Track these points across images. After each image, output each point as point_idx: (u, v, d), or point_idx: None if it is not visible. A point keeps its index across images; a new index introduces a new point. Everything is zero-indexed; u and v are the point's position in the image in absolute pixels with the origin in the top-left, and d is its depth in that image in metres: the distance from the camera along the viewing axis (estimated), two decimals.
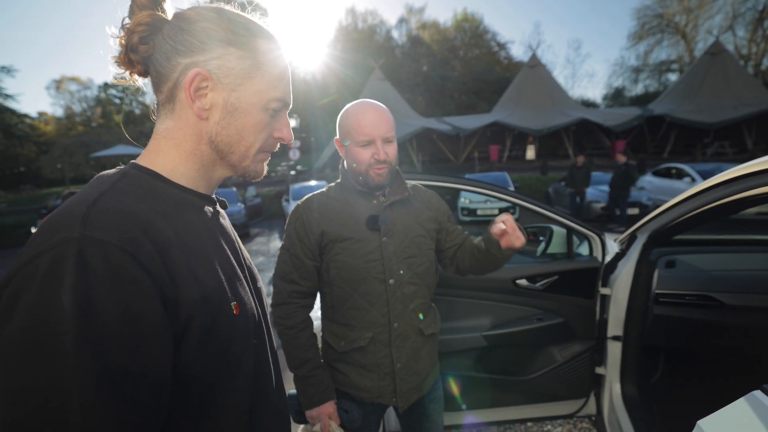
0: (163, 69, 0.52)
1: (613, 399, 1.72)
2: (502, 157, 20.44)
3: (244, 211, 9.18)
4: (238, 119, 0.54)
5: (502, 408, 1.83)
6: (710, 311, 1.69)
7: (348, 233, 1.04)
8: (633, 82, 39.62)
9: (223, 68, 0.52)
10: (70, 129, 37.42)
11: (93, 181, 0.50)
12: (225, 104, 0.53)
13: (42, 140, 31.11)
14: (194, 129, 0.53)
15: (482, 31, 41.73)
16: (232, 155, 0.56)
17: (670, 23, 35.07)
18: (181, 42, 0.51)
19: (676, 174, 8.66)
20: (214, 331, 0.49)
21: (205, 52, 0.51)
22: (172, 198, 0.52)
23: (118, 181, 0.48)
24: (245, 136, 0.55)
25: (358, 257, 1.03)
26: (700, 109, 17.34)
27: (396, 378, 1.08)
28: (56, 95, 42.15)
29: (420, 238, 1.10)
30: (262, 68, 0.54)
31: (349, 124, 1.02)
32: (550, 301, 1.73)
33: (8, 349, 0.37)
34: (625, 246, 1.70)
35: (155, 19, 0.52)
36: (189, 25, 0.51)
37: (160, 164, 0.53)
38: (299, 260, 1.06)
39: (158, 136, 0.54)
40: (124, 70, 0.54)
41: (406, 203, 1.11)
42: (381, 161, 1.01)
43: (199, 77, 0.51)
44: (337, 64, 31.58)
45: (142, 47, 0.52)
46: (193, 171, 0.55)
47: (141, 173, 0.51)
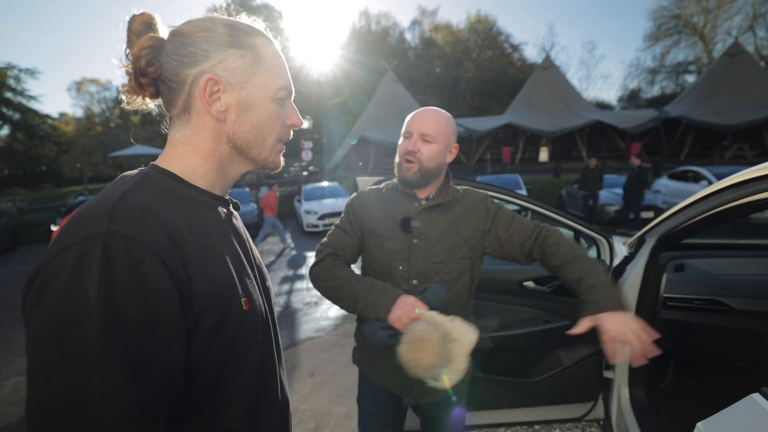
0: (174, 84, 0.55)
1: (622, 403, 1.71)
2: (514, 159, 20.23)
3: (256, 211, 9.31)
4: (252, 114, 0.57)
5: (508, 409, 1.83)
6: (719, 316, 1.67)
7: (381, 229, 1.10)
8: (649, 83, 38.78)
9: (229, 69, 0.55)
10: (89, 129, 38.48)
11: (116, 181, 0.53)
12: (238, 103, 0.56)
13: (62, 140, 32.02)
14: (212, 132, 0.56)
15: (495, 33, 41.43)
16: (252, 149, 0.59)
17: (688, 24, 34.19)
18: (185, 55, 0.54)
19: (692, 177, 8.45)
20: (223, 325, 0.52)
21: (209, 59, 0.54)
22: (189, 198, 0.55)
23: (139, 181, 0.52)
24: (261, 128, 0.58)
25: (386, 253, 1.08)
26: (719, 111, 16.85)
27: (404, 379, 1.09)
28: (77, 96, 43.49)
29: (454, 246, 1.08)
30: (262, 62, 0.57)
31: (406, 120, 1.11)
32: (557, 303, 1.74)
33: (37, 332, 0.40)
34: (633, 249, 1.69)
35: (155, 41, 0.55)
36: (188, 38, 0.54)
37: (179, 167, 0.56)
38: (345, 233, 1.14)
39: (175, 143, 0.57)
40: (136, 96, 0.57)
41: (445, 209, 1.11)
42: (409, 152, 1.06)
43: (211, 83, 0.54)
44: (351, 65, 31.77)
45: (150, 69, 0.55)
46: (211, 172, 0.58)
47: (161, 174, 0.55)
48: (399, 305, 0.94)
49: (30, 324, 0.42)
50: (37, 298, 0.41)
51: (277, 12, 38.73)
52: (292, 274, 5.98)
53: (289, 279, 5.69)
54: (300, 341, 3.58)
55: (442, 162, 1.09)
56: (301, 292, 5.06)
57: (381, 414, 1.17)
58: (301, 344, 3.51)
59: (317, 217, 8.82)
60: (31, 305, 0.42)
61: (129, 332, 0.42)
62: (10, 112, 25.36)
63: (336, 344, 3.45)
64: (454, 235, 1.09)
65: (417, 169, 1.06)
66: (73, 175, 25.07)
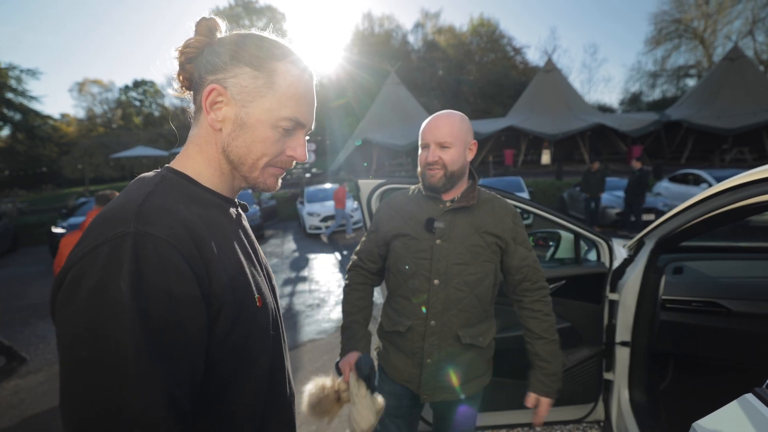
0: (197, 84, 0.60)
1: (622, 405, 1.72)
2: (516, 161, 20.24)
3: (259, 213, 9.31)
4: (246, 133, 0.59)
5: (509, 411, 1.85)
6: (717, 318, 1.69)
7: (407, 230, 1.15)
8: (650, 87, 38.78)
9: (237, 86, 0.57)
10: (91, 130, 38.53)
11: (136, 182, 0.56)
12: (236, 118, 0.58)
13: (64, 141, 32.04)
14: (212, 138, 0.60)
15: (498, 36, 41.49)
16: (242, 166, 0.61)
17: (688, 28, 34.24)
18: (210, 62, 0.58)
19: (693, 180, 8.49)
20: (238, 322, 0.54)
21: (225, 71, 0.57)
22: (203, 200, 0.58)
23: (159, 183, 0.54)
24: (253, 149, 0.60)
25: (410, 252, 1.13)
26: (719, 115, 16.87)
27: (423, 372, 1.14)
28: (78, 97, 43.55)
29: (477, 248, 1.10)
30: (274, 88, 0.58)
31: (421, 129, 1.14)
32: (557, 305, 1.75)
33: (70, 328, 0.43)
34: (633, 252, 1.72)
35: (201, 43, 0.60)
36: (220, 47, 0.58)
37: (190, 168, 0.60)
38: (371, 243, 1.25)
39: (189, 141, 0.62)
40: (180, 86, 0.62)
41: (470, 211, 1.13)
42: (430, 163, 1.10)
43: (214, 92, 0.57)
44: (354, 67, 31.82)
45: (188, 66, 0.60)
46: (215, 177, 0.61)
47: (176, 177, 0.58)
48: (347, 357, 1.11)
49: (62, 320, 0.44)
50: (70, 295, 0.44)
51: (280, 14, 38.86)
52: (295, 276, 6.00)
53: (292, 281, 5.71)
54: (302, 343, 3.59)
55: (465, 162, 1.13)
56: (303, 294, 5.08)
57: (396, 407, 1.21)
58: (304, 346, 3.53)
59: (320, 219, 8.82)
60: (64, 302, 0.44)
61: (159, 327, 0.44)
62: (11, 112, 25.40)
63: (338, 346, 3.46)
64: (477, 238, 1.11)
65: (442, 174, 1.10)
66: (75, 176, 25.11)
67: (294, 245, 8.43)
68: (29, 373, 3.31)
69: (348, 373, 1.05)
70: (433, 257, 1.10)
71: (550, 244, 2.02)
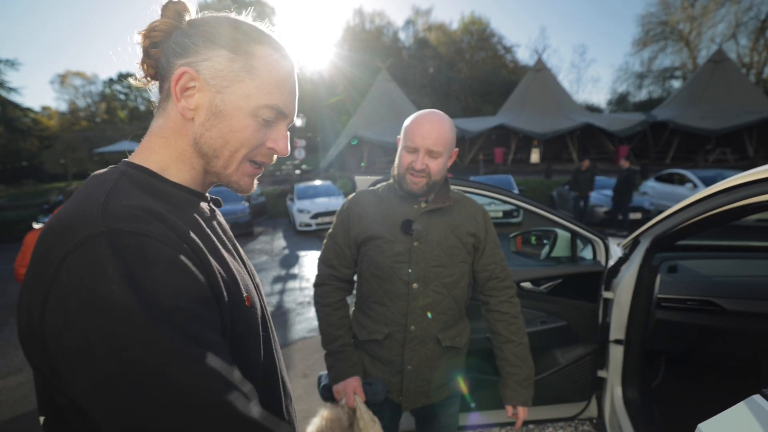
0: (163, 70, 0.53)
1: (615, 402, 1.74)
2: (506, 160, 20.43)
3: (248, 210, 9.19)
4: (222, 122, 0.53)
5: (503, 410, 1.84)
6: (712, 316, 1.71)
7: (381, 232, 1.08)
8: (637, 87, 39.62)
9: (211, 69, 0.52)
10: (73, 124, 37.47)
11: (91, 181, 0.49)
12: (210, 106, 0.52)
13: (45, 135, 31.09)
14: (181, 128, 0.53)
15: (489, 35, 41.75)
16: (217, 160, 0.55)
17: (674, 30, 35.04)
18: (179, 44, 0.52)
19: (678, 180, 8.69)
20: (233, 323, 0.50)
21: (197, 54, 0.52)
22: (172, 196, 0.52)
23: (118, 180, 0.48)
24: (229, 140, 0.54)
25: (386, 256, 1.07)
26: (703, 116, 17.34)
27: (404, 379, 1.10)
28: (60, 90, 42.24)
29: (453, 249, 1.09)
30: (253, 72, 0.53)
31: (407, 128, 1.06)
32: (553, 304, 1.75)
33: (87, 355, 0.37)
34: (628, 250, 1.72)
35: (168, 26, 0.53)
36: (191, 29, 0.53)
37: (154, 162, 0.53)
38: (340, 248, 1.14)
39: (151, 133, 0.55)
40: (144, 74, 0.56)
41: (445, 212, 1.11)
42: (417, 170, 1.02)
43: (186, 76, 0.51)
44: (345, 63, 31.64)
45: (153, 51, 0.54)
46: (184, 172, 0.55)
47: (138, 172, 0.51)
48: (346, 383, 1.07)
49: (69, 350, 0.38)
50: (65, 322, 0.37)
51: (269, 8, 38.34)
52: (285, 273, 5.92)
53: (282, 279, 5.64)
54: (293, 342, 3.55)
55: (446, 170, 1.10)
56: (293, 291, 5.02)
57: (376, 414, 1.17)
58: (294, 345, 3.48)
59: (310, 216, 8.75)
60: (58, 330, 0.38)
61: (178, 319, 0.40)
62: None
63: None
64: (453, 239, 1.09)
65: (425, 182, 1.04)
66: (57, 171, 24.42)
67: (284, 242, 8.33)
68: (9, 375, 3.19)
69: (353, 398, 1.04)
70: (411, 260, 1.06)
71: (545, 243, 2.02)
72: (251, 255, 7.23)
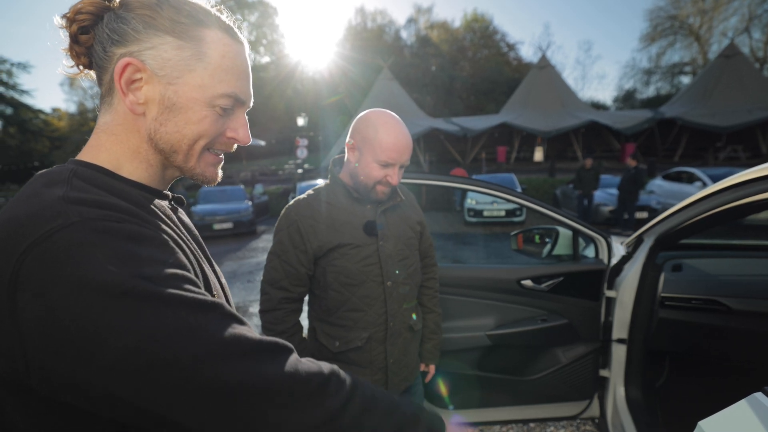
0: (100, 60, 0.48)
1: (617, 402, 1.71)
2: (509, 158, 20.32)
3: (251, 209, 9.25)
4: (177, 116, 0.49)
5: (504, 407, 1.83)
6: (717, 316, 1.68)
7: (346, 239, 1.05)
8: (644, 84, 39.09)
9: (159, 59, 0.47)
10: (82, 125, 37.99)
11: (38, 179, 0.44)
12: (162, 99, 0.48)
13: (55, 136, 31.62)
14: (132, 125, 0.49)
15: (492, 32, 41.52)
16: (176, 155, 0.52)
17: (684, 25, 34.48)
18: (116, 31, 0.47)
19: (686, 178, 8.56)
20: None
21: (139, 42, 0.47)
22: (129, 195, 0.48)
23: (71, 178, 0.44)
24: (187, 134, 0.50)
25: (356, 262, 1.05)
26: (713, 113, 17.06)
27: (388, 372, 1.13)
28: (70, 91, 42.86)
29: (410, 240, 1.16)
30: (205, 60, 0.49)
31: (374, 138, 0.99)
32: (554, 302, 1.74)
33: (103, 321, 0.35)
34: (631, 249, 1.69)
35: (98, 7, 0.48)
36: (126, 13, 0.47)
37: (104, 160, 0.49)
38: (291, 267, 1.05)
39: (98, 130, 0.50)
40: (74, 63, 0.50)
41: (397, 207, 1.16)
42: (390, 184, 1.03)
43: (130, 68, 0.47)
44: (346, 63, 31.70)
45: (83, 37, 0.48)
46: (140, 170, 0.51)
47: (90, 170, 0.47)
48: None
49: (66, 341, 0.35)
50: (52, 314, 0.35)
51: (272, 8, 38.46)
52: None
53: None
54: None
55: None
56: None
57: None
58: None
59: None
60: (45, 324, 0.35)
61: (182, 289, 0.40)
62: (2, 106, 25.04)
63: None
64: (409, 231, 1.16)
65: (389, 190, 1.06)
66: None
67: None
68: None
69: None
70: (381, 260, 1.07)
71: (546, 241, 2.00)
72: (254, 253, 7.27)
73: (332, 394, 0.46)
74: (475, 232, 8.45)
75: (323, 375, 0.47)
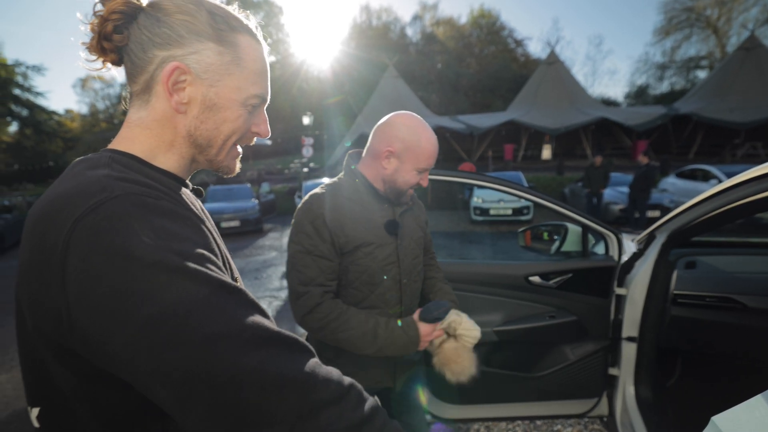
0: (138, 60, 0.51)
1: (627, 401, 1.69)
2: (516, 156, 20.15)
3: (258, 207, 9.32)
4: (216, 114, 0.54)
5: (511, 404, 1.82)
6: (731, 313, 1.64)
7: (371, 238, 1.04)
8: (658, 79, 38.32)
9: (202, 63, 0.51)
10: (94, 126, 38.78)
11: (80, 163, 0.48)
12: (203, 99, 0.52)
13: (68, 136, 32.36)
14: (171, 122, 0.53)
15: (499, 28, 41.16)
16: (211, 149, 0.56)
17: (701, 17, 33.56)
18: (158, 34, 0.50)
19: (701, 176, 8.35)
20: None
21: (183, 46, 0.50)
22: (162, 181, 0.52)
23: (110, 163, 0.48)
24: (223, 130, 0.55)
25: (378, 261, 1.06)
26: (731, 108, 16.60)
27: (397, 366, 1.15)
28: (82, 93, 43.82)
29: (420, 239, 1.20)
30: (241, 64, 0.54)
31: (417, 145, 1.01)
32: (563, 299, 1.71)
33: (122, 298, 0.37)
34: (643, 246, 1.66)
35: (130, 8, 0.50)
36: (167, 17, 0.50)
37: (138, 150, 0.52)
38: (325, 259, 1.00)
39: (132, 125, 0.53)
40: (97, 57, 0.52)
41: (410, 208, 1.20)
42: (422, 187, 1.08)
43: (177, 71, 0.50)
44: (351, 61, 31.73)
45: (117, 36, 0.50)
46: (172, 161, 0.55)
47: (125, 157, 0.50)
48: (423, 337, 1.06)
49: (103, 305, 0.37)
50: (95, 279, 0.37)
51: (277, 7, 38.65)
52: None
53: None
54: (301, 335, 3.57)
55: None
56: None
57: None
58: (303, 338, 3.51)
59: None
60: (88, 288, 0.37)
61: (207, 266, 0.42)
62: (19, 108, 25.67)
63: None
64: (419, 230, 1.20)
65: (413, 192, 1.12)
66: None
67: None
68: None
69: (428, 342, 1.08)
70: (399, 259, 1.09)
71: (555, 238, 1.97)
72: (261, 251, 7.34)
73: (350, 409, 0.44)
74: (481, 231, 8.39)
75: (342, 386, 0.45)
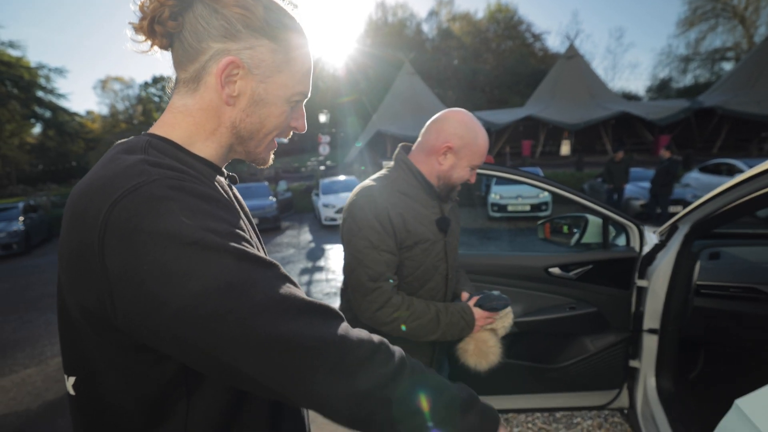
0: (191, 49, 0.51)
1: (648, 393, 1.68)
2: (534, 152, 19.79)
3: (275, 205, 9.48)
4: (262, 109, 0.55)
5: (530, 395, 1.83)
6: (756, 304, 1.62)
7: (428, 234, 1.06)
8: (681, 72, 36.87)
9: (255, 59, 0.52)
10: (114, 126, 39.89)
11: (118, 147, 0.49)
12: (252, 94, 0.53)
13: (90, 137, 33.37)
14: (216, 112, 0.53)
15: (516, 22, 40.36)
16: (251, 141, 0.57)
17: (727, 7, 32.07)
18: (214, 26, 0.50)
19: (726, 170, 8.07)
20: None
21: (239, 41, 0.50)
22: (197, 167, 0.52)
23: (147, 148, 0.49)
24: (266, 124, 0.56)
25: (431, 257, 1.08)
26: (758, 101, 15.88)
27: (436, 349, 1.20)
28: (102, 94, 45.15)
29: (458, 234, 1.23)
30: (291, 63, 0.54)
31: (475, 143, 1.03)
32: (583, 290, 1.72)
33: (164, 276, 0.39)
34: (665, 237, 1.65)
35: None
36: (223, 8, 0.50)
37: (177, 136, 0.53)
38: (392, 254, 1.00)
39: (175, 110, 0.54)
40: (145, 39, 0.52)
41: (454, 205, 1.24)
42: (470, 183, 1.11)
43: (232, 65, 0.50)
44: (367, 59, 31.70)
45: (171, 23, 0.50)
46: (210, 149, 0.55)
47: (162, 142, 0.51)
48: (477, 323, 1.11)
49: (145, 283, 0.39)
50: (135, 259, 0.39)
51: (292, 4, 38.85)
52: (312, 265, 6.09)
53: (309, 270, 5.81)
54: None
55: None
56: (320, 283, 5.16)
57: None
58: None
59: (335, 211, 8.93)
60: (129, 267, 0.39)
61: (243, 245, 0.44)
62: (42, 110, 26.58)
63: None
64: (458, 227, 1.24)
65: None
66: None
67: (310, 236, 8.54)
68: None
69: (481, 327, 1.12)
70: (447, 256, 1.13)
71: (575, 231, 1.97)
72: (279, 248, 7.48)
73: (382, 363, 0.48)
74: (499, 227, 8.33)
75: (373, 344, 0.49)
